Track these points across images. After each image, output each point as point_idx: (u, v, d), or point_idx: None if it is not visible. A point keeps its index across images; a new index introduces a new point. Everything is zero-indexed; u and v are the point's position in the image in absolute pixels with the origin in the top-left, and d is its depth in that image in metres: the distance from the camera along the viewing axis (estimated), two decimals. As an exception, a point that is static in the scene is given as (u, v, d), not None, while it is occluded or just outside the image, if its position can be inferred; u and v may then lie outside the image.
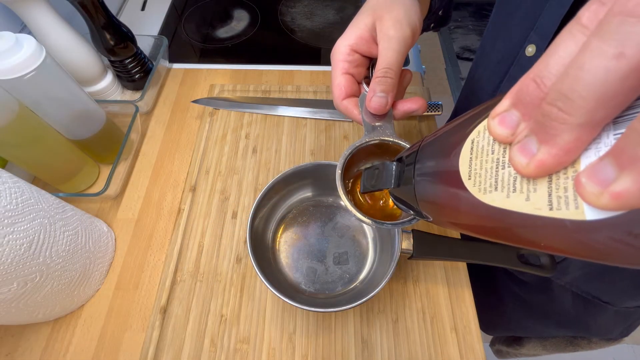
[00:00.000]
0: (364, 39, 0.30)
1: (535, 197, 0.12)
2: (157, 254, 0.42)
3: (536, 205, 0.12)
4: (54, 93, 0.38)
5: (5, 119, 0.33)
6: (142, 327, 0.38)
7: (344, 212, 0.42)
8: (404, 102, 0.30)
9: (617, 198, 0.09)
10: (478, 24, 1.34)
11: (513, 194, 0.13)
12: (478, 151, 0.15)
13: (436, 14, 0.39)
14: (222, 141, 0.50)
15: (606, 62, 0.09)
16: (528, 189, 0.12)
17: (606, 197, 0.09)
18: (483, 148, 0.15)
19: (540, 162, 0.11)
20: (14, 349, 0.36)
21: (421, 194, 0.20)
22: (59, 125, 0.41)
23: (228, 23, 0.71)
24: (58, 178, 0.43)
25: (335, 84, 0.31)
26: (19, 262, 0.28)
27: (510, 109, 0.13)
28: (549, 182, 0.12)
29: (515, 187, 0.13)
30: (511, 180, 0.13)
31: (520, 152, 0.12)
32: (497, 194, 0.14)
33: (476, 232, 0.16)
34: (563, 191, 0.11)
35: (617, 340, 0.53)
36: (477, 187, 0.15)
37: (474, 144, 0.15)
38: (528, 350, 0.68)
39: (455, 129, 0.18)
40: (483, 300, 0.45)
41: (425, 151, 0.20)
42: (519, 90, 0.13)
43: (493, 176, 0.14)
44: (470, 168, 0.15)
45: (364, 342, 0.36)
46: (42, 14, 0.44)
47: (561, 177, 0.11)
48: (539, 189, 0.12)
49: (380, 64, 0.28)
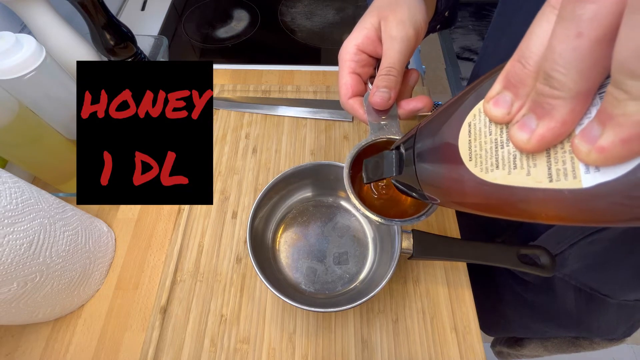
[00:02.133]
0: (370, 39, 0.30)
1: (535, 172, 0.13)
2: (157, 254, 0.42)
3: (537, 179, 0.13)
4: (54, 93, 0.38)
5: (5, 119, 0.33)
6: (142, 327, 0.38)
7: (344, 212, 0.42)
8: (409, 101, 0.31)
9: (601, 152, 0.11)
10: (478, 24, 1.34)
11: (514, 170, 0.14)
12: (476, 133, 0.16)
13: (442, 15, 0.39)
14: (222, 141, 0.50)
15: (571, 43, 0.11)
16: (528, 164, 0.13)
17: (594, 153, 0.11)
18: (480, 130, 0.16)
19: (541, 136, 0.12)
20: (14, 349, 0.36)
21: (424, 178, 0.20)
22: (59, 125, 0.41)
23: (228, 23, 0.71)
24: (58, 178, 0.43)
25: (341, 83, 0.31)
26: (19, 262, 0.28)
27: (502, 91, 0.14)
28: (547, 157, 0.13)
29: (515, 164, 0.14)
30: (511, 158, 0.14)
31: (521, 129, 0.13)
32: (499, 172, 0.15)
33: (481, 209, 0.17)
34: (562, 164, 0.12)
35: (620, 340, 0.53)
36: (479, 167, 0.15)
37: (471, 127, 0.16)
38: (529, 351, 0.68)
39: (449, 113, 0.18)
40: (484, 301, 0.45)
41: (422, 135, 0.21)
42: (508, 72, 0.14)
43: (493, 155, 0.15)
44: (470, 150, 0.16)
45: (364, 342, 0.36)
46: (42, 14, 0.44)
47: (559, 151, 0.12)
48: (538, 164, 0.13)
49: (384, 63, 0.29)
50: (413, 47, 0.29)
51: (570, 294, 0.46)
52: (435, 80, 1.49)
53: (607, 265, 0.40)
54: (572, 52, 0.11)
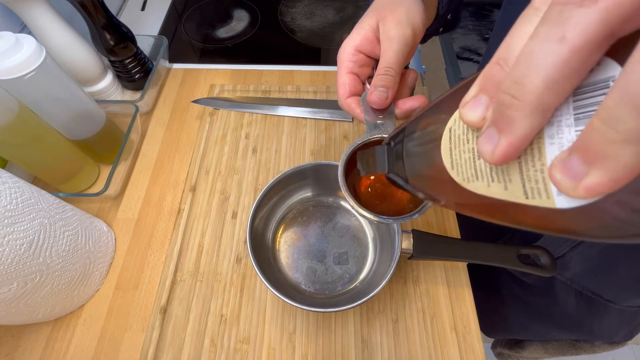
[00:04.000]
0: (368, 40, 0.30)
1: (511, 187, 0.13)
2: (157, 254, 0.42)
3: (514, 194, 0.13)
4: (54, 93, 0.38)
5: (5, 119, 0.33)
6: (142, 327, 0.38)
7: (344, 212, 0.42)
8: (406, 100, 0.31)
9: (590, 190, 0.10)
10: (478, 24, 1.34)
11: (492, 183, 0.14)
12: (456, 140, 0.15)
13: (444, 18, 0.39)
14: (222, 141, 0.50)
15: (552, 45, 0.10)
16: (504, 179, 0.13)
17: (581, 191, 0.10)
18: (459, 137, 0.15)
19: (502, 151, 0.12)
20: (14, 349, 0.36)
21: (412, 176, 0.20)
22: (59, 125, 0.41)
23: (228, 23, 0.71)
24: (58, 178, 0.43)
25: (340, 82, 0.31)
26: (19, 262, 0.28)
27: (479, 94, 0.13)
28: (521, 174, 0.12)
29: (493, 178, 0.14)
30: (488, 171, 0.14)
31: (486, 141, 0.12)
32: (479, 184, 0.14)
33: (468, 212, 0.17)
34: (535, 182, 0.12)
35: (621, 344, 0.53)
36: (461, 176, 0.15)
37: (451, 133, 0.16)
38: (530, 353, 0.68)
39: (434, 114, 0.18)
40: (484, 302, 0.45)
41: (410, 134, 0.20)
42: (485, 74, 0.13)
43: (472, 166, 0.14)
44: (451, 158, 0.16)
45: (364, 342, 0.36)
46: (42, 13, 0.44)
47: (530, 169, 0.12)
48: (513, 180, 0.13)
49: (382, 63, 0.29)
50: (411, 48, 0.29)
51: (572, 298, 0.46)
52: (435, 80, 1.49)
53: (609, 268, 0.40)
54: (550, 55, 0.10)
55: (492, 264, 0.34)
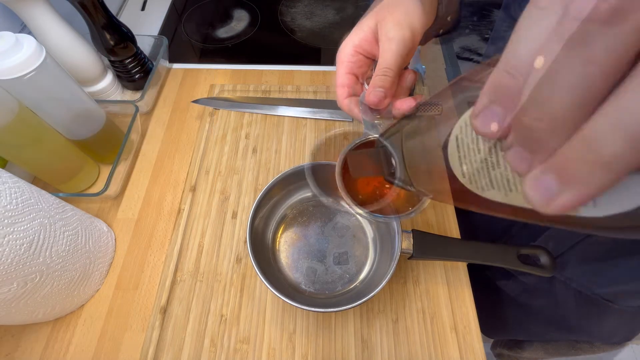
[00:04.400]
0: (367, 41, 0.31)
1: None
2: (157, 254, 0.42)
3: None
4: (54, 93, 0.38)
5: (5, 119, 0.33)
6: (142, 327, 0.38)
7: (344, 212, 0.42)
8: (403, 100, 0.31)
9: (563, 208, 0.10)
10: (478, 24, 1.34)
11: (510, 193, 0.14)
12: (465, 150, 0.15)
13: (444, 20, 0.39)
14: (222, 141, 0.50)
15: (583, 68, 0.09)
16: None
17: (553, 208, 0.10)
18: (469, 146, 0.15)
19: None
20: (14, 349, 0.36)
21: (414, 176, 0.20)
22: (59, 125, 0.41)
23: (228, 23, 0.71)
24: (58, 178, 0.43)
25: (338, 83, 0.32)
26: (19, 262, 0.28)
27: (491, 106, 0.13)
28: None
29: (511, 188, 0.14)
30: (505, 181, 0.14)
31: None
32: (496, 192, 0.14)
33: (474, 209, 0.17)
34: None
35: (621, 344, 0.53)
36: (474, 185, 0.15)
37: (459, 142, 0.15)
38: (530, 354, 0.68)
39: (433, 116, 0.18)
40: (484, 303, 0.45)
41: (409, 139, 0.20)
42: (496, 85, 0.12)
43: (487, 176, 0.15)
44: (461, 167, 0.16)
45: (364, 342, 0.36)
46: (42, 13, 0.44)
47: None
48: None
49: (381, 64, 0.29)
50: (410, 49, 0.30)
51: (571, 298, 0.46)
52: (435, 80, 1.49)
53: (608, 267, 0.40)
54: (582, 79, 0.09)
55: (492, 264, 0.34)
